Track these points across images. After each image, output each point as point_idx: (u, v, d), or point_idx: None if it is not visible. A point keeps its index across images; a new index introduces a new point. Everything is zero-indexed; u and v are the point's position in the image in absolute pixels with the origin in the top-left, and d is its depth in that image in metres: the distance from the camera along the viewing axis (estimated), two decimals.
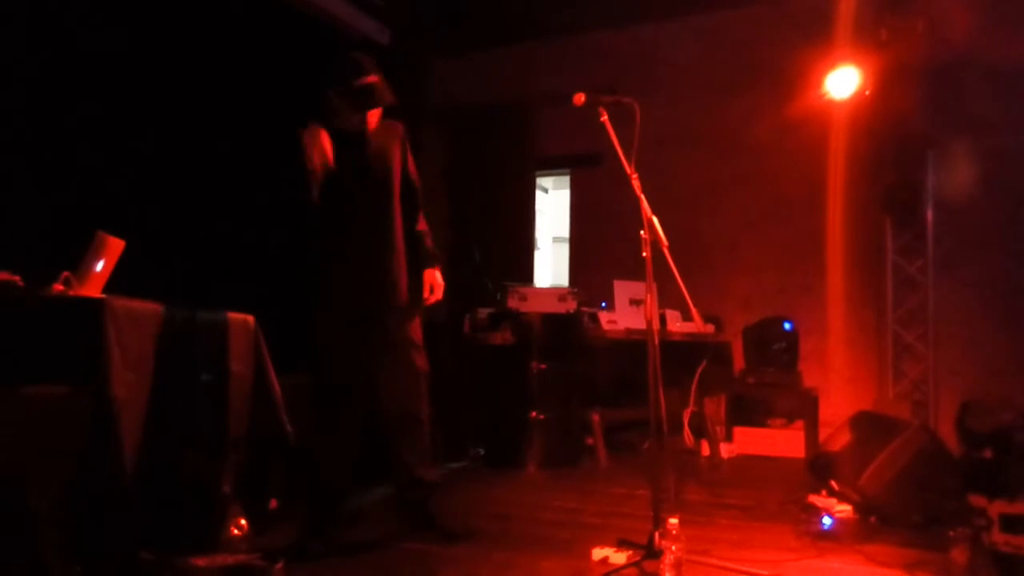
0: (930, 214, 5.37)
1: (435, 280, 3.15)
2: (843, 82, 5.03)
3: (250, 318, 2.85)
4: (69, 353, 2.24)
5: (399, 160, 3.09)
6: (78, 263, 2.53)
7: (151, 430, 2.35)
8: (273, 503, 2.90)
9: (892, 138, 5.21)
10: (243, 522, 2.69)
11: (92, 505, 2.20)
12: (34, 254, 2.58)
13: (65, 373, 2.21)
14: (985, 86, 4.98)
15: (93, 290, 2.51)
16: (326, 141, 2.84)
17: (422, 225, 3.22)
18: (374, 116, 2.96)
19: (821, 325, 5.56)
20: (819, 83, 5.10)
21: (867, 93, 5.03)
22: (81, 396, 2.20)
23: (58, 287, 2.43)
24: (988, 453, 3.45)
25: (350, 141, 2.92)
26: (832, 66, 5.05)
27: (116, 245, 2.59)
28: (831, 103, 5.17)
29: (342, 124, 2.92)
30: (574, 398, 4.75)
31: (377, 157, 3.01)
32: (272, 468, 2.91)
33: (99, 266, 2.55)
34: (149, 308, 2.45)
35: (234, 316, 2.80)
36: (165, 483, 2.43)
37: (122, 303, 2.33)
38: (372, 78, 2.90)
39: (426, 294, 3.14)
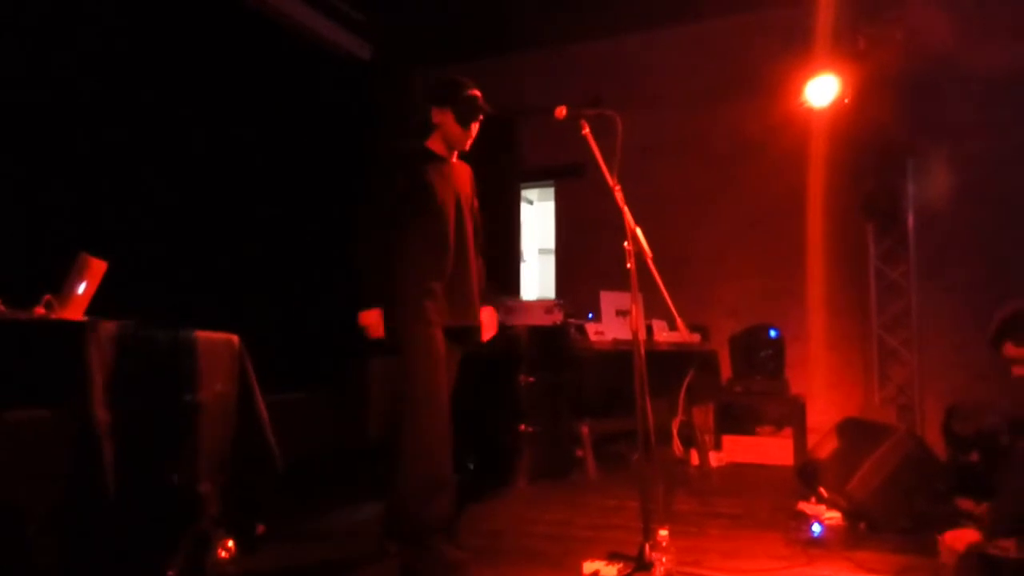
0: (911, 220, 5.43)
1: (491, 319, 3.27)
2: (822, 90, 5.09)
3: (234, 337, 2.83)
4: (52, 376, 2.22)
5: (472, 193, 3.23)
6: (60, 285, 2.51)
7: (135, 452, 2.32)
8: (260, 528, 2.86)
9: (872, 145, 5.27)
10: (230, 544, 2.66)
11: (77, 529, 2.17)
12: (15, 276, 2.56)
13: (48, 396, 2.18)
14: (963, 94, 5.06)
15: (75, 312, 2.49)
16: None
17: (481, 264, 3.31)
18: (472, 135, 3.06)
19: (806, 332, 5.60)
20: (799, 92, 5.15)
21: (846, 101, 5.08)
22: (64, 419, 2.17)
23: (40, 310, 2.41)
24: (974, 457, 3.48)
25: (439, 166, 3.04)
26: (812, 75, 5.10)
27: (99, 267, 2.57)
28: (811, 111, 5.23)
29: (449, 140, 3.05)
30: (563, 410, 4.74)
31: (461, 184, 3.13)
32: (259, 489, 2.88)
33: (81, 288, 2.53)
34: (131, 329, 2.43)
35: (218, 336, 2.78)
36: (151, 506, 2.40)
37: (104, 325, 2.31)
38: (475, 91, 3.03)
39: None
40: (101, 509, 2.20)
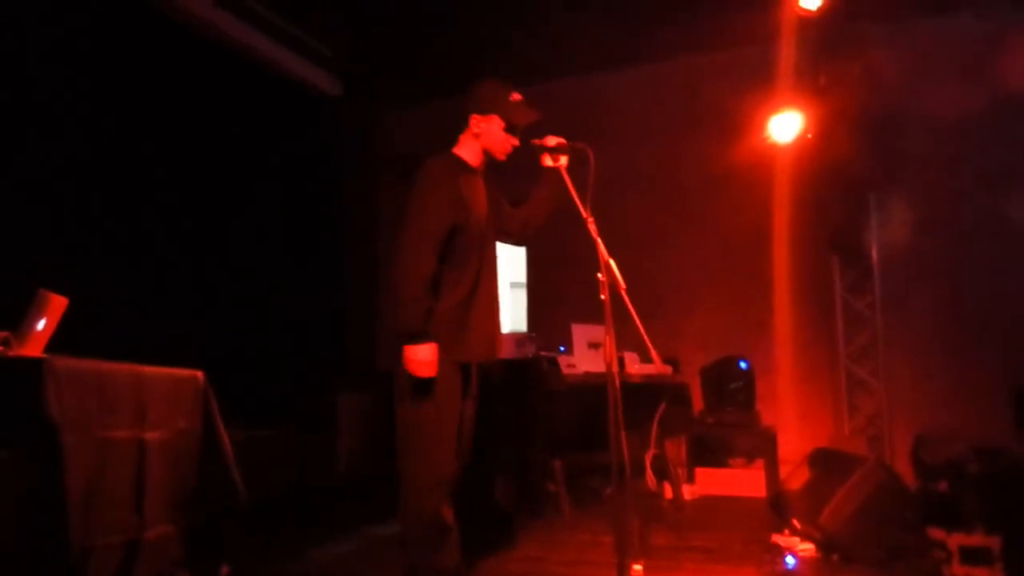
0: (875, 252, 5.53)
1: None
2: (786, 126, 5.20)
3: (199, 374, 2.77)
4: (9, 415, 2.15)
5: (501, 199, 3.05)
6: (19, 322, 2.45)
7: (96, 492, 2.25)
8: (225, 569, 2.78)
9: (835, 179, 5.37)
10: None
11: (34, 573, 2.09)
12: None
13: (5, 436, 2.11)
14: (921, 129, 5.19)
15: (35, 349, 2.43)
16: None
17: None
18: (515, 143, 2.90)
19: (776, 363, 5.63)
20: (763, 127, 5.25)
21: (809, 137, 5.19)
22: (22, 459, 2.10)
23: None
24: (943, 485, 3.50)
25: (472, 179, 2.86)
26: (775, 111, 5.21)
27: (59, 303, 2.51)
28: (776, 147, 5.33)
29: (490, 150, 2.88)
30: (536, 445, 4.70)
31: (491, 201, 2.97)
32: (224, 528, 2.80)
33: (41, 324, 2.47)
34: (93, 366, 2.37)
35: (182, 372, 2.72)
36: (112, 548, 2.32)
37: (64, 362, 2.25)
38: (518, 95, 2.88)
39: None
40: (61, 552, 2.12)
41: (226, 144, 5.21)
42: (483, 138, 2.89)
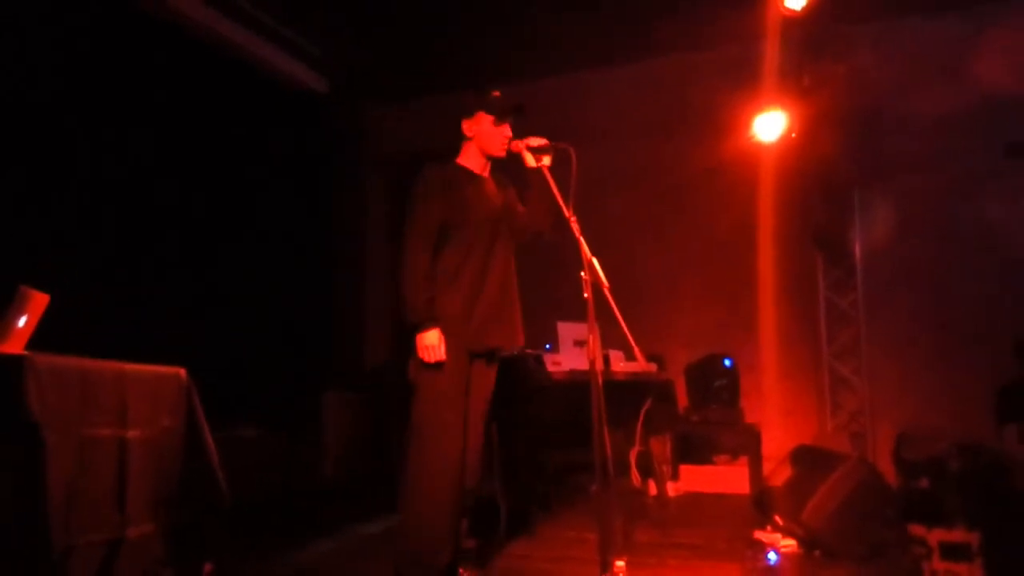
0: (858, 251, 5.57)
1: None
2: (770, 126, 5.22)
3: (182, 371, 2.75)
4: None
5: (515, 201, 3.16)
6: None
7: (78, 491, 2.23)
8: (208, 567, 2.77)
9: (819, 179, 5.40)
10: None
11: (15, 572, 2.07)
12: None
13: None
14: (904, 129, 5.23)
15: (15, 346, 2.40)
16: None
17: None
18: (508, 135, 3.01)
19: (760, 361, 5.67)
20: (748, 126, 5.28)
21: (793, 136, 5.22)
22: (2, 458, 2.08)
23: None
24: (924, 483, 3.54)
25: (476, 185, 3.01)
26: (760, 110, 5.24)
27: (40, 300, 2.48)
28: (760, 146, 5.35)
29: (486, 148, 3.00)
30: (521, 442, 4.70)
31: (496, 199, 3.08)
32: (207, 527, 2.79)
33: (22, 321, 2.44)
34: (75, 364, 2.35)
35: (165, 369, 2.71)
36: (94, 546, 2.31)
37: (46, 359, 2.23)
38: (496, 92, 3.02)
39: None
40: (41, 555, 2.10)
41: (213, 141, 5.19)
42: (478, 138, 3.01)
